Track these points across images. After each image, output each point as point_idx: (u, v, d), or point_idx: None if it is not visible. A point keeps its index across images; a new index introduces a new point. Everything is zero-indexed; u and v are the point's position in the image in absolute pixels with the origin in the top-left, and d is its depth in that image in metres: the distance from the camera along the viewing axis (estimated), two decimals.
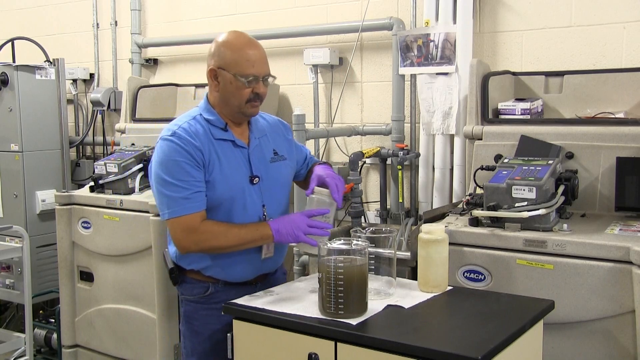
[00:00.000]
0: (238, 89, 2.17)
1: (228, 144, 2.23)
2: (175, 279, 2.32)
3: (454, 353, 1.60)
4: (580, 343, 2.28)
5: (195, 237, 2.12)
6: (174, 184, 2.11)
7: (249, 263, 2.26)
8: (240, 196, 2.20)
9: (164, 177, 2.13)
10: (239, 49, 2.18)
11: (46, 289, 4.43)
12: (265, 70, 2.21)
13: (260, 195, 2.25)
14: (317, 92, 3.94)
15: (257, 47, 2.21)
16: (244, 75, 2.16)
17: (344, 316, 1.81)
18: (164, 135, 2.18)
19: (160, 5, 4.73)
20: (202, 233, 2.12)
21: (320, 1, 3.97)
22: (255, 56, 2.18)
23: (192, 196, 2.12)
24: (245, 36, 2.23)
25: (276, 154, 2.34)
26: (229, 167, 2.20)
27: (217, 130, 2.22)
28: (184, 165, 2.12)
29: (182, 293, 2.34)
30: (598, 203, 2.66)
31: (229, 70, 2.17)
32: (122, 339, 3.46)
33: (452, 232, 2.43)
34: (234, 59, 2.16)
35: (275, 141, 2.38)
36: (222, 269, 2.24)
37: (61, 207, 3.58)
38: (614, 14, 3.08)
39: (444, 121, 3.41)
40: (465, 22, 3.33)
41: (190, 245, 2.14)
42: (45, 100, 4.53)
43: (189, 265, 2.27)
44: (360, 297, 1.85)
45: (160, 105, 4.28)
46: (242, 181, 2.22)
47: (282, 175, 2.36)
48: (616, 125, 2.71)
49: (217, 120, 2.23)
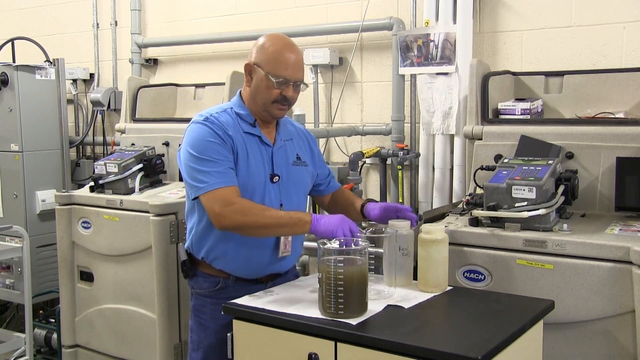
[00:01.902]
0: (267, 87, 2.21)
1: (255, 139, 2.27)
2: (187, 272, 2.35)
3: (454, 353, 1.60)
4: (580, 343, 2.28)
5: (232, 208, 2.10)
6: (207, 160, 2.14)
7: (264, 260, 2.28)
8: (260, 191, 2.23)
9: (196, 155, 2.15)
10: (277, 50, 2.21)
11: (46, 289, 4.43)
12: (298, 76, 2.24)
13: (279, 194, 2.28)
14: (317, 92, 3.94)
15: (294, 52, 2.24)
16: (275, 76, 2.19)
17: (344, 316, 1.81)
18: (196, 120, 2.23)
19: (160, 5, 4.73)
20: (240, 205, 2.11)
21: (320, 1, 3.97)
22: (291, 60, 2.21)
23: (226, 171, 2.14)
24: (286, 39, 2.27)
25: (299, 158, 2.38)
26: (253, 160, 2.23)
27: (246, 124, 2.27)
28: (216, 146, 2.16)
29: (193, 287, 2.37)
30: (598, 203, 2.66)
31: (263, 67, 2.21)
32: (122, 339, 3.46)
33: (452, 232, 2.43)
34: (269, 58, 2.21)
35: (299, 147, 2.42)
36: (236, 265, 2.26)
37: (61, 207, 3.57)
38: (614, 14, 3.08)
39: (444, 121, 3.41)
40: (465, 22, 3.33)
41: (228, 215, 2.10)
42: (45, 100, 4.53)
43: (204, 258, 2.29)
44: (360, 297, 1.85)
45: (160, 105, 4.28)
46: (264, 177, 2.25)
47: (303, 179, 2.39)
48: (616, 125, 2.71)
49: (247, 115, 2.28)
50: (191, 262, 2.35)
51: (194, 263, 2.35)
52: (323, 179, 2.54)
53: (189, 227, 2.34)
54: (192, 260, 2.35)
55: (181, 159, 2.25)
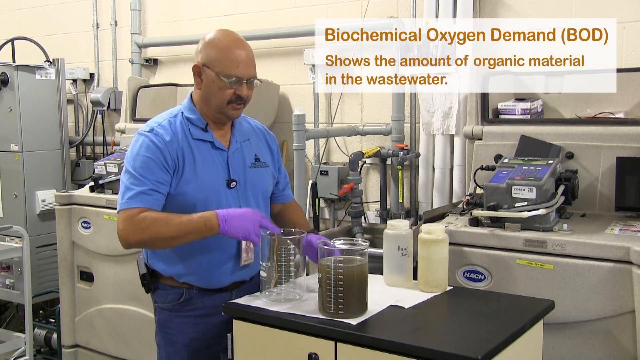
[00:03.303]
0: (220, 88, 2.09)
1: (206, 145, 2.14)
2: (148, 286, 2.23)
3: (454, 353, 1.60)
4: (580, 343, 2.28)
5: (133, 225, 2.00)
6: (135, 176, 2.04)
7: (227, 269, 2.17)
8: (215, 199, 2.11)
9: (129, 168, 2.07)
10: (225, 47, 2.09)
11: (46, 289, 4.43)
12: (250, 73, 2.11)
13: (237, 200, 2.16)
14: (317, 92, 3.94)
15: (244, 48, 2.11)
16: (226, 75, 2.07)
17: (344, 316, 1.81)
18: (142, 130, 2.13)
19: (160, 5, 4.73)
20: (140, 220, 2.00)
21: (320, 1, 3.97)
22: (241, 57, 2.09)
23: (147, 192, 2.03)
24: (233, 35, 2.14)
25: (257, 159, 2.26)
26: (204, 168, 2.11)
27: (197, 129, 2.14)
28: (150, 164, 2.05)
29: (156, 301, 2.25)
30: (598, 203, 2.66)
31: (213, 68, 2.08)
32: (122, 339, 3.46)
33: (452, 232, 2.43)
34: (218, 58, 2.08)
35: (258, 147, 2.29)
36: (199, 275, 2.15)
37: (61, 207, 3.58)
38: (613, 14, 3.08)
39: (444, 121, 3.41)
40: (465, 22, 3.33)
41: (129, 234, 2.01)
42: (45, 100, 4.54)
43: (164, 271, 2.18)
44: (360, 297, 1.84)
45: (160, 105, 4.27)
46: (218, 184, 2.13)
47: (262, 181, 2.26)
48: (616, 125, 2.71)
49: (198, 119, 2.15)
50: (151, 275, 2.22)
51: (155, 276, 2.22)
52: (277, 185, 2.37)
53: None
54: (152, 273, 2.22)
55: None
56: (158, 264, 2.20)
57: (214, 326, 2.16)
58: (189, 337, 2.17)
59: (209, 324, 2.16)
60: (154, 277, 2.23)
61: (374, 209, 3.81)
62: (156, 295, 2.24)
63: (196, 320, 2.17)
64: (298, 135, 3.25)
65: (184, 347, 2.18)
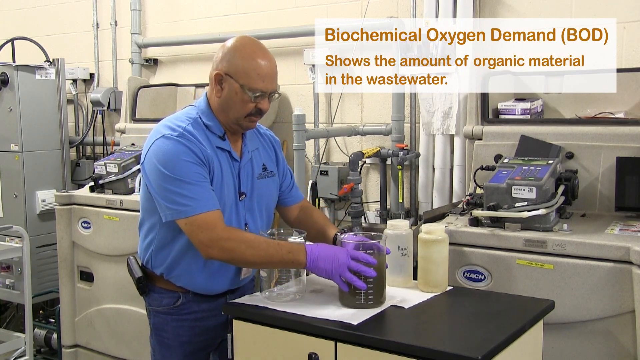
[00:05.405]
0: (243, 101, 2.01)
1: (225, 154, 2.08)
2: (143, 289, 2.17)
3: (454, 353, 1.60)
4: (580, 343, 2.28)
5: (220, 240, 1.93)
6: (184, 182, 1.94)
7: (226, 280, 2.15)
8: (228, 211, 2.07)
9: (170, 175, 1.94)
10: (251, 58, 2.00)
11: (46, 289, 4.43)
12: (273, 87, 2.05)
13: (244, 212, 2.12)
14: (317, 92, 3.94)
15: (269, 59, 2.04)
16: (251, 89, 2.00)
17: (373, 306, 1.87)
18: (167, 134, 2.00)
19: (160, 5, 4.73)
20: (225, 239, 1.93)
21: (320, 1, 3.97)
22: (267, 69, 2.01)
23: (207, 194, 1.96)
24: (258, 44, 2.06)
25: (265, 169, 2.21)
26: (223, 179, 2.06)
27: (215, 137, 2.07)
28: (193, 167, 1.96)
29: (150, 304, 2.20)
30: (598, 203, 2.66)
31: (237, 79, 2.00)
32: (122, 339, 3.46)
33: (452, 232, 2.43)
34: (244, 69, 1.99)
35: (266, 156, 2.24)
36: (197, 281, 2.11)
37: (61, 207, 3.58)
38: (613, 14, 3.08)
39: (444, 121, 3.41)
40: (465, 22, 3.33)
41: (214, 248, 1.94)
42: (45, 100, 4.53)
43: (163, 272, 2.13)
44: (383, 287, 1.93)
45: (160, 105, 4.28)
46: (231, 196, 2.08)
47: (268, 192, 2.21)
48: (616, 125, 2.71)
49: (216, 127, 2.08)
50: (147, 278, 2.17)
51: (150, 279, 2.17)
52: (285, 187, 2.31)
53: (145, 242, 2.15)
54: (148, 275, 2.17)
55: (148, 174, 2.02)
56: (159, 268, 2.14)
57: (209, 329, 2.16)
58: (184, 340, 2.16)
59: (204, 327, 2.17)
60: (150, 280, 2.18)
61: (374, 209, 3.81)
62: (151, 299, 2.20)
63: (192, 324, 2.16)
64: (298, 135, 3.25)
65: (180, 351, 2.17)
